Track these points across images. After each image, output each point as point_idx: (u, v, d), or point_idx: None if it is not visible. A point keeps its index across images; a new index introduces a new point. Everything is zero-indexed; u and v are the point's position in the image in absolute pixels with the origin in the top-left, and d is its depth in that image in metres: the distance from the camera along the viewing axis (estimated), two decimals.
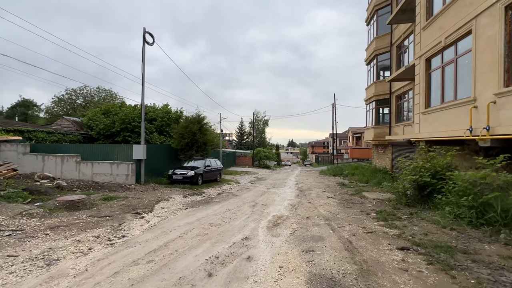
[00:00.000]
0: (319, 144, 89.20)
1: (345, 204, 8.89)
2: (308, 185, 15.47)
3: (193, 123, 17.46)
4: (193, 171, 14.21)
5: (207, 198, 10.71)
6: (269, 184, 16.41)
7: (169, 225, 6.20)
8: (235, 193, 12.38)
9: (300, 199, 10.55)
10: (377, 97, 19.37)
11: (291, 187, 14.71)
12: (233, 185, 16.18)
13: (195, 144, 17.39)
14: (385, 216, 6.80)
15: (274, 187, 14.85)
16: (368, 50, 20.92)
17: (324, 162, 50.71)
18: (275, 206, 8.97)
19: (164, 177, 14.84)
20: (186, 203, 9.29)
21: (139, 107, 23.00)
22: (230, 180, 18.49)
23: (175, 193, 11.58)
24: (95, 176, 12.78)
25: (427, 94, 10.88)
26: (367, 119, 21.69)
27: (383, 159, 19.87)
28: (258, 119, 51.27)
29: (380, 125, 19.63)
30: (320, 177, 21.65)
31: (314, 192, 12.45)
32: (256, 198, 10.80)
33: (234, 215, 7.35)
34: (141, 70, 13.28)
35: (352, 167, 23.26)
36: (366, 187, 13.95)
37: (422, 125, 11.17)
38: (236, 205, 8.99)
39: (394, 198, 9.02)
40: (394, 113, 18.11)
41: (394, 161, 18.15)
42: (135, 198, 9.46)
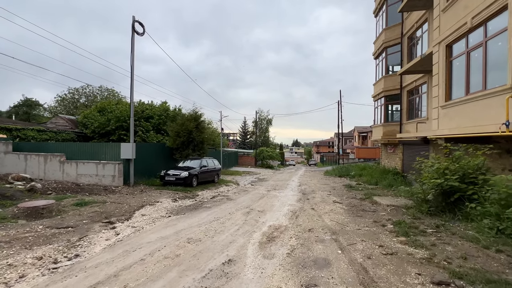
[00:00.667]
0: (324, 144, 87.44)
1: (354, 212, 7.57)
2: (312, 187, 14.15)
3: (190, 120, 16.30)
4: (187, 171, 13.03)
5: (198, 202, 9.50)
6: (270, 186, 15.14)
7: (137, 241, 5.00)
8: (231, 196, 11.16)
9: (303, 204, 9.26)
10: (386, 92, 17.91)
11: (293, 190, 13.42)
12: (231, 186, 14.97)
13: (192, 143, 16.24)
14: (405, 230, 5.47)
15: (275, 189, 13.57)
16: (377, 43, 19.46)
17: (329, 162, 49.14)
18: (273, 213, 7.70)
19: (157, 178, 13.71)
20: (172, 209, 8.10)
21: (136, 104, 22.00)
22: (229, 181, 17.27)
23: (165, 196, 10.42)
24: (80, 177, 11.70)
25: (447, 86, 9.48)
26: (375, 117, 20.22)
27: (393, 159, 18.40)
28: (262, 118, 49.97)
29: (390, 122, 18.17)
30: (325, 178, 20.27)
31: (319, 195, 11.14)
32: (253, 202, 9.55)
33: (221, 226, 6.11)
34: (130, 63, 12.15)
35: (359, 167, 21.81)
36: (376, 190, 12.56)
37: (441, 120, 9.77)
38: (228, 212, 7.75)
39: (411, 205, 7.67)
40: (405, 109, 16.64)
41: (405, 161, 16.70)
42: (115, 203, 8.30)
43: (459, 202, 6.55)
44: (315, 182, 17.28)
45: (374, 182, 15.26)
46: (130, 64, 12.20)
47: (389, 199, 9.13)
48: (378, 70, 19.46)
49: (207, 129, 17.99)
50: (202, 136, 16.67)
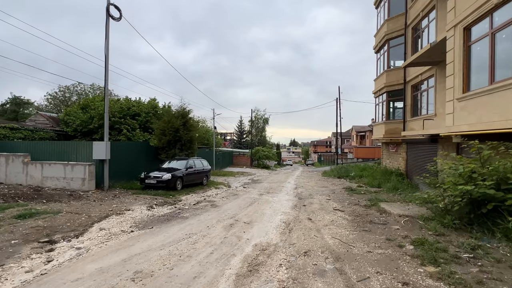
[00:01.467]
0: (321, 144, 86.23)
1: (360, 224, 6.17)
2: (309, 190, 12.76)
3: (176, 117, 14.84)
4: (170, 173, 11.57)
5: (176, 210, 8.05)
6: (264, 189, 13.73)
7: (63, 276, 3.55)
8: (217, 202, 9.73)
9: (298, 212, 7.86)
10: (388, 88, 16.57)
11: (288, 193, 12.01)
12: (221, 189, 13.53)
13: (179, 142, 14.78)
14: (432, 254, 4.08)
15: (269, 193, 12.16)
16: (378, 35, 18.12)
17: (327, 162, 47.84)
18: (262, 225, 6.29)
19: (138, 181, 12.24)
20: (141, 221, 6.65)
21: (122, 100, 20.51)
22: (220, 183, 15.84)
23: (140, 202, 8.96)
24: (46, 181, 10.22)
25: (465, 75, 8.11)
26: (376, 114, 18.89)
27: (395, 159, 17.07)
28: (258, 117, 48.52)
29: (392, 120, 16.84)
30: (323, 179, 18.90)
31: (317, 200, 9.75)
32: (240, 210, 8.12)
33: (191, 248, 4.67)
34: (104, 51, 10.67)
35: (359, 167, 20.47)
36: (380, 194, 11.20)
37: (458, 115, 8.40)
38: (207, 224, 6.31)
39: (429, 216, 6.28)
40: (409, 105, 15.31)
41: (409, 162, 15.37)
42: (72, 213, 6.84)
43: (492, 214, 5.19)
44: (313, 184, 15.89)
45: (377, 185, 13.89)
46: (105, 53, 10.71)
47: (399, 206, 7.74)
48: (380, 65, 18.12)
49: (196, 127, 16.54)
50: (190, 134, 15.21)
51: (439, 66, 12.11)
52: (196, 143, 16.35)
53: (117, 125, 18.05)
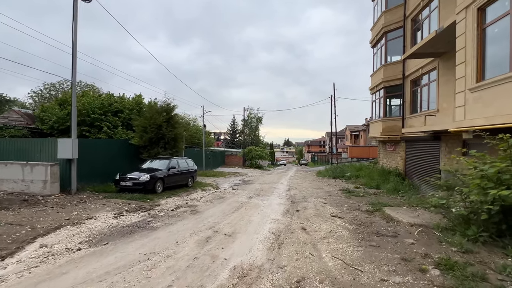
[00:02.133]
0: (315, 143, 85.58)
1: (365, 236, 5.04)
2: (303, 192, 11.64)
3: (159, 113, 13.53)
4: (149, 174, 10.28)
5: (147, 218, 6.79)
6: (254, 191, 12.55)
7: None
8: (200, 207, 8.51)
9: (291, 219, 6.71)
10: (386, 83, 15.60)
11: (280, 196, 10.87)
12: (207, 191, 12.30)
13: (162, 140, 13.47)
14: (470, 285, 2.98)
15: (259, 196, 10.99)
16: (375, 29, 17.15)
17: (321, 162, 46.96)
18: (246, 239, 5.11)
19: None
20: (99, 233, 5.39)
21: (103, 96, 19.06)
22: (207, 185, 14.60)
23: (108, 208, 7.67)
24: (2, 184, 8.83)
25: (479, 61, 7.09)
26: (373, 111, 17.92)
27: (393, 159, 16.12)
28: (252, 116, 47.28)
29: (390, 117, 15.88)
30: (318, 179, 17.83)
31: (311, 204, 8.62)
32: (223, 218, 6.92)
33: (144, 278, 3.45)
34: (72, 36, 9.33)
35: (355, 167, 19.48)
36: (380, 196, 10.15)
37: (470, 107, 7.38)
38: (177, 238, 5.08)
39: (445, 225, 5.21)
40: (408, 101, 14.35)
41: (408, 161, 14.42)
42: (13, 225, 5.53)
43: None
44: (307, 185, 14.79)
45: (375, 186, 12.87)
46: (72, 38, 9.37)
47: (406, 212, 6.66)
48: (377, 59, 17.16)
49: (182, 125, 15.25)
50: (175, 132, 13.92)
51: (442, 58, 11.14)
52: (182, 142, 15.08)
53: (97, 122, 16.63)
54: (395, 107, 16.77)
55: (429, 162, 12.02)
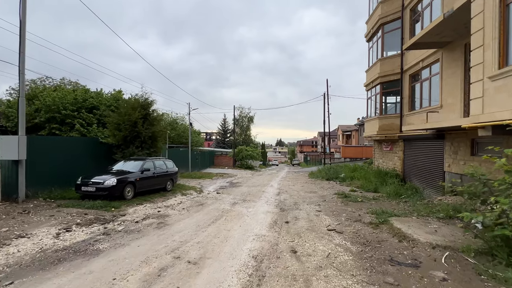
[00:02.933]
0: (307, 143, 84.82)
1: (375, 264, 3.73)
2: (294, 197, 10.33)
3: (134, 109, 11.99)
4: (116, 178, 8.76)
5: (97, 236, 5.31)
6: (240, 195, 11.17)
7: None
8: (171, 217, 7.08)
9: (278, 235, 5.37)
10: (383, 78, 14.48)
11: (268, 201, 9.52)
12: (188, 196, 10.85)
13: (137, 139, 11.95)
14: None
15: (245, 201, 9.62)
16: (371, 21, 16.03)
17: (313, 162, 45.94)
18: (216, 269, 3.73)
19: None
20: (15, 263, 3.90)
21: (78, 91, 17.30)
22: (190, 188, 13.15)
23: (55, 221, 6.16)
24: None
25: (502, 43, 5.92)
26: (368, 109, 16.82)
27: (390, 159, 15.03)
28: (243, 116, 45.77)
29: (387, 115, 14.77)
30: (310, 181, 16.58)
31: (304, 213, 7.31)
32: (194, 234, 5.52)
33: None
34: (20, 16, 7.73)
35: (349, 168, 18.34)
36: (380, 201, 8.94)
37: (490, 99, 6.19)
38: (116, 273, 3.62)
39: (478, 247, 3.97)
40: (407, 98, 13.25)
41: (407, 161, 13.32)
42: None
43: None
44: (298, 188, 13.50)
45: (373, 189, 11.68)
46: (20, 18, 7.77)
47: (418, 225, 5.40)
48: (372, 54, 16.05)
49: (161, 121, 13.73)
50: (152, 130, 12.40)
51: (446, 48, 10.04)
52: (162, 141, 13.55)
53: (69, 119, 14.91)
54: (392, 104, 15.70)
55: (431, 163, 10.90)
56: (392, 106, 15.36)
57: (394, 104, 15.15)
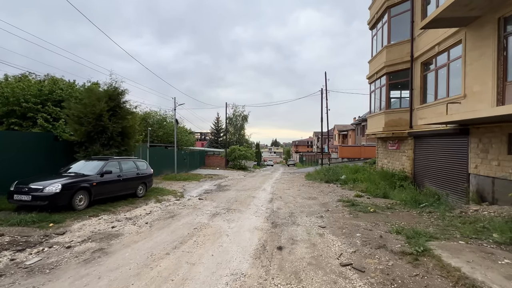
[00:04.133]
0: (303, 143, 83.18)
1: None
2: (290, 205, 8.40)
3: (100, 99, 9.95)
4: (61, 183, 6.72)
5: None
6: (225, 202, 9.21)
7: None
8: (122, 238, 5.09)
9: (266, 273, 3.43)
10: (390, 68, 12.68)
11: (258, 212, 7.57)
12: (162, 204, 8.85)
13: (104, 135, 9.91)
14: None
15: (229, 211, 7.66)
16: (375, 5, 14.23)
17: (309, 162, 44.14)
18: None
19: None
20: None
21: (48, 80, 15.11)
22: (170, 193, 11.14)
23: None
24: None
25: None
26: (372, 103, 15.01)
27: (397, 159, 13.22)
28: (237, 114, 43.73)
29: (395, 109, 12.96)
30: (308, 184, 14.68)
31: (303, 232, 5.38)
32: (135, 275, 3.54)
33: None
34: None
35: (350, 169, 16.52)
36: (397, 210, 7.05)
37: None
38: None
39: None
40: (418, 89, 11.46)
41: (418, 162, 11.52)
42: None
43: None
44: (295, 192, 11.58)
45: (382, 194, 9.83)
46: None
47: (480, 259, 3.50)
48: (377, 42, 14.25)
49: (135, 116, 11.66)
50: (123, 124, 10.37)
51: (471, 26, 8.25)
52: (135, 138, 11.50)
53: (31, 112, 12.76)
54: (395, 99, 13.93)
55: (451, 163, 9.10)
56: (395, 101, 13.56)
57: (402, 97, 13.35)
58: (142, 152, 15.52)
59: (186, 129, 31.45)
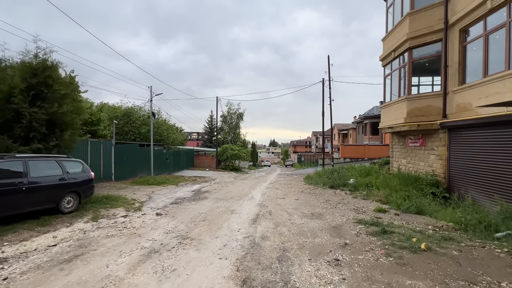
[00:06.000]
0: (301, 144, 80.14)
1: None
2: (283, 230, 5.31)
3: (12, 75, 6.84)
4: None
5: None
6: (188, 222, 6.12)
7: None
8: None
9: None
10: (414, 40, 9.63)
11: (227, 246, 4.48)
12: (96, 223, 5.76)
13: (19, 124, 6.81)
14: None
15: (180, 244, 4.57)
16: None
17: (308, 163, 41.05)
18: None
19: None
20: None
21: None
22: (125, 203, 8.06)
23: None
24: None
25: None
26: (387, 90, 11.94)
27: (421, 158, 10.17)
28: (231, 112, 40.62)
29: (420, 94, 9.92)
30: (308, 190, 11.59)
31: None
32: None
33: None
34: None
35: (358, 171, 13.45)
36: (465, 247, 3.97)
37: None
38: None
39: None
40: (456, 65, 8.41)
41: (454, 162, 8.48)
42: None
43: None
44: (291, 203, 8.49)
45: (414, 208, 6.74)
46: None
47: None
48: (394, 13, 11.18)
49: (76, 98, 8.50)
50: (52, 110, 7.27)
51: None
52: (76, 129, 8.39)
53: None
54: (425, 82, 10.91)
55: None
56: (423, 87, 10.54)
57: (428, 80, 10.33)
58: (105, 150, 12.42)
59: (174, 126, 28.25)
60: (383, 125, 12.07)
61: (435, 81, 10.50)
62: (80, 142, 10.47)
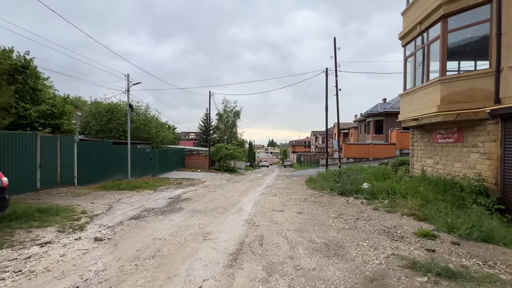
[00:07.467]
0: (300, 143, 77.90)
1: None
2: (282, 280, 3.03)
3: None
4: None
5: None
6: (140, 250, 3.85)
7: None
8: None
9: None
10: (451, 5, 7.33)
11: None
12: None
13: None
14: None
15: None
16: None
17: (307, 163, 38.73)
18: None
19: None
20: None
21: None
22: (68, 217, 5.76)
23: None
24: None
25: None
26: (409, 74, 9.66)
27: (456, 157, 7.86)
28: (228, 110, 38.34)
29: (460, 74, 7.65)
30: (313, 197, 9.27)
31: None
32: None
33: None
34: None
35: (371, 173, 11.10)
36: None
37: None
38: None
39: None
40: None
41: (508, 162, 6.23)
42: None
43: None
44: (293, 219, 6.18)
45: (479, 233, 4.45)
46: None
47: None
48: None
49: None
50: None
51: None
52: None
53: None
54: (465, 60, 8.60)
55: None
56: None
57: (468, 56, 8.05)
58: (64, 148, 10.05)
59: (166, 124, 25.85)
60: (404, 117, 9.77)
61: (477, 64, 8.21)
62: (22, 136, 8.13)
